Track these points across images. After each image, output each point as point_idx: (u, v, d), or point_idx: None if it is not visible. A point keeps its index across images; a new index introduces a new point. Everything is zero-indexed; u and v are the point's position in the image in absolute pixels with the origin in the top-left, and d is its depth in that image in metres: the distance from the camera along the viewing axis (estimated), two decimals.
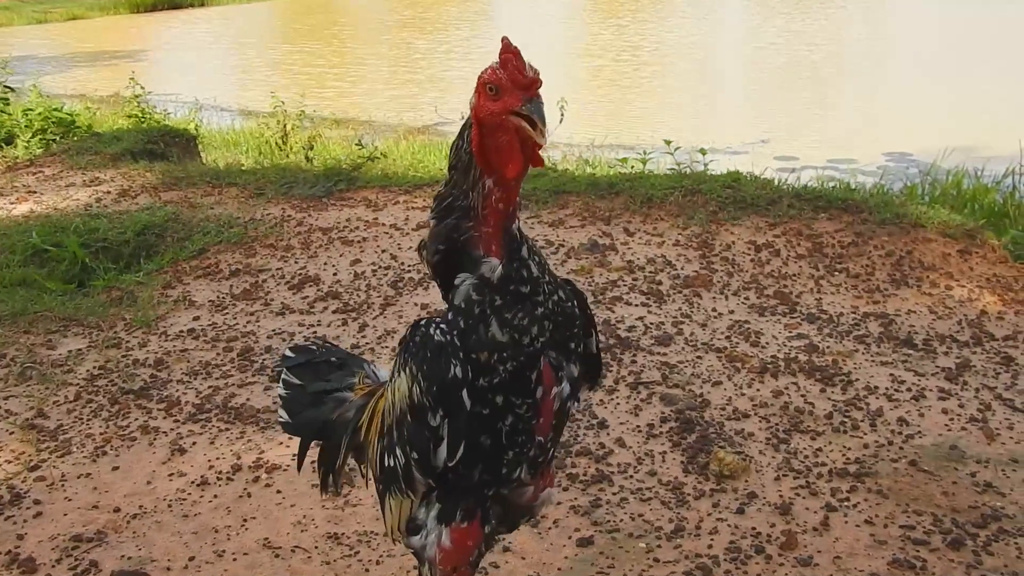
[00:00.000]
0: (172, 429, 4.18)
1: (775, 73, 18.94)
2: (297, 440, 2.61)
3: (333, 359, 2.62)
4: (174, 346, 5.00)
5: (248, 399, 4.41)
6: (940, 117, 14.12)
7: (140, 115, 11.99)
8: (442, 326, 1.92)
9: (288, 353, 2.68)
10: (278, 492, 3.67)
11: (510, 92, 1.80)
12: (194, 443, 4.06)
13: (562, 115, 9.74)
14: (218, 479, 3.77)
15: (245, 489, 3.70)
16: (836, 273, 5.65)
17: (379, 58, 24.07)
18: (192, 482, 3.76)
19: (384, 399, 2.17)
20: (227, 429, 4.17)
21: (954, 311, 5.14)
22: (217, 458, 3.93)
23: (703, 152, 8.07)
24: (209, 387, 4.55)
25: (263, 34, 30.94)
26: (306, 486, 3.68)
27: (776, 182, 7.16)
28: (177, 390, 4.54)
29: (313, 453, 2.60)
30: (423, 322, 1.97)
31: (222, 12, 34.78)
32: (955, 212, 6.77)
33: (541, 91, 1.83)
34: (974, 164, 9.55)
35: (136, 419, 4.27)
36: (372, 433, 2.26)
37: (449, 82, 18.94)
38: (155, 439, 4.10)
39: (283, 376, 2.61)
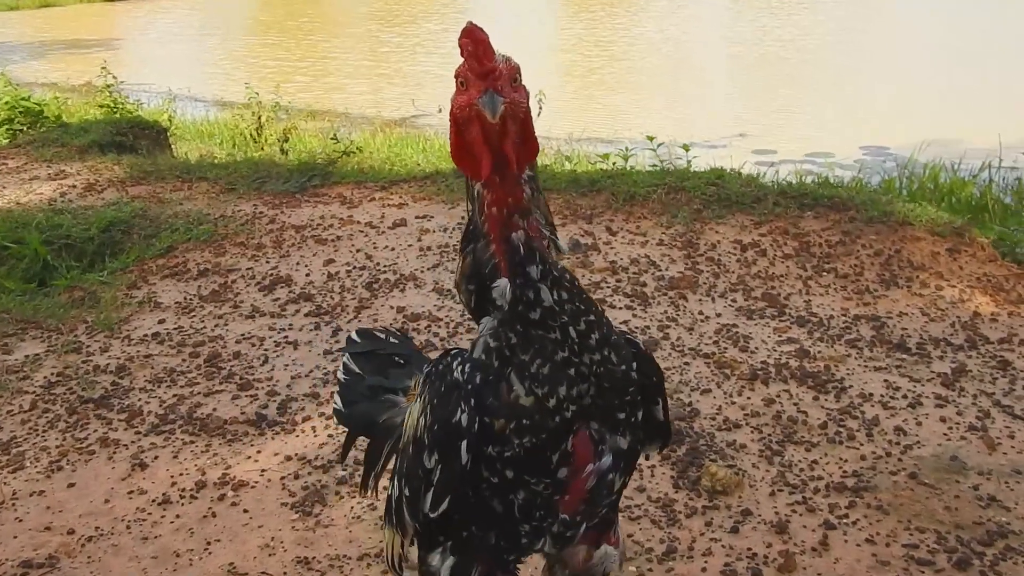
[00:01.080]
0: (133, 442, 3.96)
1: (749, 68, 18.82)
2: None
3: (398, 356, 2.44)
4: (137, 351, 4.78)
5: (215, 409, 4.20)
6: (916, 111, 14.04)
7: (112, 105, 11.71)
8: (466, 366, 1.74)
9: (354, 336, 2.54)
10: (245, 511, 3.46)
11: (473, 83, 1.62)
12: (156, 457, 3.84)
13: (540, 109, 9.53)
14: (181, 497, 3.56)
15: (210, 508, 3.49)
16: (824, 273, 5.48)
17: (355, 50, 23.76)
18: (153, 500, 3.54)
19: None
20: (192, 442, 3.95)
21: (947, 313, 4.99)
22: (180, 474, 3.71)
23: (686, 148, 7.89)
24: (174, 396, 4.33)
25: (238, 23, 30.55)
26: (275, 505, 3.48)
27: (760, 179, 7.01)
28: (139, 399, 4.32)
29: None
30: (452, 351, 1.83)
31: (196, 0, 34.33)
32: (936, 207, 6.64)
33: (514, 77, 1.64)
34: (951, 158, 9.53)
35: (95, 430, 4.05)
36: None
37: (425, 75, 18.69)
38: (115, 452, 3.88)
39: (344, 360, 2.47)
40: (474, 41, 1.60)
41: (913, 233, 5.79)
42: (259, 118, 11.88)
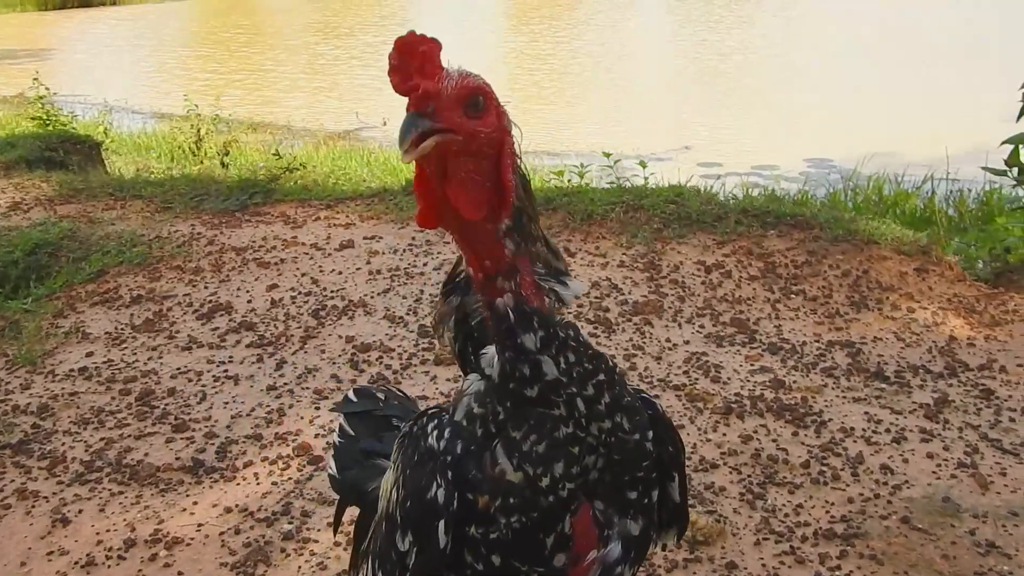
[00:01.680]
0: (55, 493, 3.60)
1: (691, 81, 18.75)
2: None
3: (395, 417, 2.14)
4: (62, 388, 4.40)
5: (147, 454, 3.85)
6: (858, 123, 14.03)
7: (45, 117, 11.22)
8: (444, 431, 1.45)
9: (350, 396, 2.28)
10: (180, 574, 3.12)
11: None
12: (80, 511, 3.49)
13: None
14: (107, 558, 3.21)
15: (139, 571, 3.14)
16: (792, 296, 5.26)
17: (291, 62, 23.37)
18: (76, 563, 3.19)
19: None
20: (120, 492, 3.60)
21: (922, 337, 4.78)
22: (107, 530, 3.36)
23: (643, 165, 7.65)
24: (101, 439, 3.97)
25: (177, 34, 29.98)
26: (213, 565, 3.15)
27: (721, 197, 6.79)
28: (63, 443, 3.95)
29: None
30: (430, 411, 1.54)
31: (134, 11, 33.66)
32: (882, 219, 6.50)
33: (471, 101, 1.30)
34: (894, 170, 9.53)
35: (12, 480, 3.68)
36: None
37: (364, 88, 18.37)
38: (34, 506, 3.52)
39: (340, 422, 2.21)
40: (406, 54, 1.28)
41: (879, 252, 5.60)
42: (198, 131, 11.49)
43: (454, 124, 1.27)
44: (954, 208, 8.51)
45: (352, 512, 2.13)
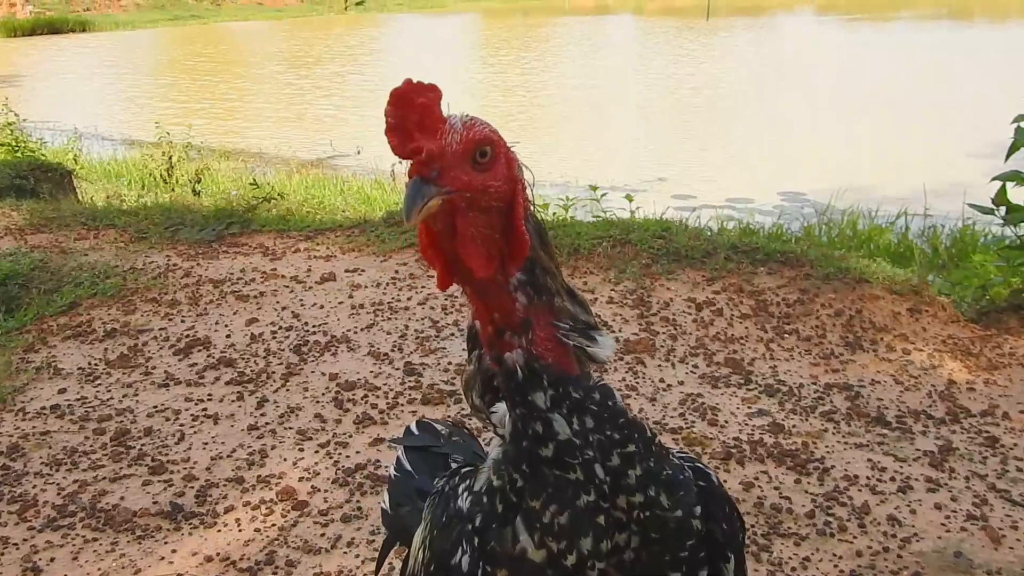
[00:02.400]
0: (25, 540, 3.41)
1: (664, 114, 18.85)
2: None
3: (454, 458, 1.99)
4: (33, 427, 4.20)
5: (122, 498, 3.66)
6: (830, 158, 14.15)
7: (13, 144, 11.05)
8: (473, 490, 1.36)
9: (412, 428, 2.19)
10: None
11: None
12: (52, 559, 3.30)
13: None
14: None
15: None
16: (786, 335, 5.16)
17: (266, 90, 23.29)
18: None
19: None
20: (95, 539, 3.42)
21: (920, 381, 4.68)
22: None
23: (629, 199, 7.56)
24: (75, 481, 3.78)
25: (146, 61, 29.79)
26: None
27: (708, 232, 6.70)
28: (34, 485, 3.76)
29: None
30: (464, 469, 1.45)
31: (104, 38, 33.50)
32: (856, 253, 6.45)
33: (478, 151, 1.21)
34: (867, 205, 9.53)
35: None
36: None
37: (338, 115, 18.29)
38: (3, 553, 3.33)
39: (398, 454, 2.11)
40: (404, 107, 1.17)
41: (871, 291, 5.52)
42: (170, 158, 11.34)
43: (461, 184, 1.19)
44: (928, 244, 8.50)
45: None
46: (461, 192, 1.18)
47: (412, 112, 1.17)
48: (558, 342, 1.28)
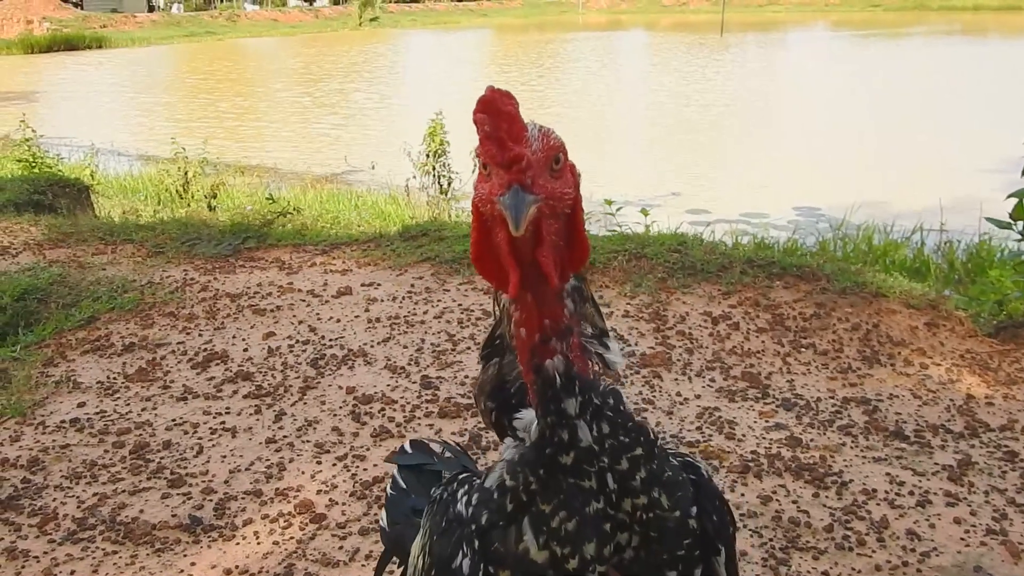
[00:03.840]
0: (46, 552, 3.42)
1: (676, 130, 18.88)
2: None
3: (446, 475, 2.00)
4: (53, 441, 4.22)
5: (141, 511, 3.68)
6: (847, 173, 14.16)
7: (31, 160, 11.15)
8: (473, 497, 1.37)
9: (405, 447, 2.23)
10: None
11: (496, 171, 1.19)
12: (73, 572, 3.31)
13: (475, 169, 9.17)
14: None
15: None
16: (803, 349, 5.15)
17: (281, 107, 23.40)
18: None
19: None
20: (114, 552, 3.43)
21: (938, 395, 4.67)
22: None
23: (645, 213, 7.57)
24: (94, 494, 3.79)
25: (162, 78, 29.98)
26: None
27: (723, 246, 6.70)
28: (55, 499, 3.77)
29: None
30: (462, 476, 1.48)
31: (120, 54, 33.75)
32: (872, 268, 6.44)
33: (555, 160, 1.22)
34: (882, 220, 9.48)
35: (1, 539, 3.49)
36: None
37: (353, 132, 18.38)
38: (23, 567, 3.34)
39: (393, 473, 2.15)
40: (494, 115, 1.18)
41: (888, 306, 5.51)
42: (185, 173, 11.40)
43: (548, 192, 1.21)
44: (944, 259, 8.48)
45: None
46: (548, 199, 1.20)
47: (502, 120, 1.18)
48: (582, 349, 1.30)
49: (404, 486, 2.08)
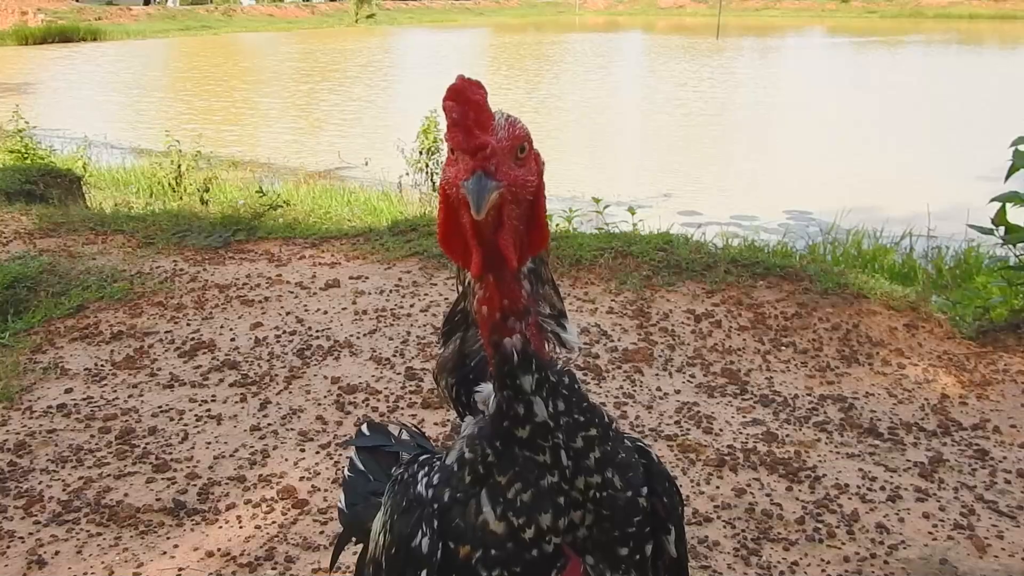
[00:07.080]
0: (31, 533, 3.48)
1: (669, 133, 18.94)
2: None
3: (404, 455, 2.04)
4: (40, 425, 4.28)
5: (126, 494, 3.73)
6: (836, 179, 14.23)
7: (23, 151, 11.17)
8: (433, 477, 1.43)
9: (363, 430, 2.25)
10: None
11: (462, 157, 1.25)
12: (57, 552, 3.36)
13: None
14: None
15: None
16: (783, 348, 5.22)
17: (275, 102, 23.41)
18: None
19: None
20: (99, 534, 3.48)
21: (914, 394, 4.75)
22: (85, 573, 3.25)
23: (632, 211, 7.64)
24: (80, 478, 3.85)
25: (156, 71, 29.98)
26: None
27: (710, 246, 6.77)
28: (40, 481, 3.83)
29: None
30: (422, 457, 1.54)
31: (115, 47, 33.70)
32: (860, 272, 6.50)
33: (519, 148, 1.28)
34: (872, 225, 9.58)
35: None
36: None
37: (348, 126, 18.41)
38: (9, 546, 3.39)
39: (351, 456, 2.19)
40: (462, 103, 1.23)
41: (869, 307, 5.58)
42: (179, 167, 11.43)
43: (511, 179, 1.27)
44: (932, 265, 8.55)
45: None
46: (510, 186, 1.26)
47: (470, 108, 1.23)
48: (539, 328, 1.36)
49: (362, 468, 2.12)
